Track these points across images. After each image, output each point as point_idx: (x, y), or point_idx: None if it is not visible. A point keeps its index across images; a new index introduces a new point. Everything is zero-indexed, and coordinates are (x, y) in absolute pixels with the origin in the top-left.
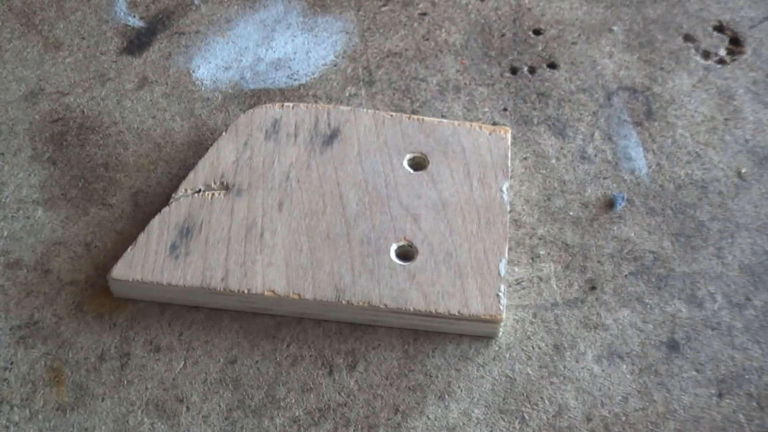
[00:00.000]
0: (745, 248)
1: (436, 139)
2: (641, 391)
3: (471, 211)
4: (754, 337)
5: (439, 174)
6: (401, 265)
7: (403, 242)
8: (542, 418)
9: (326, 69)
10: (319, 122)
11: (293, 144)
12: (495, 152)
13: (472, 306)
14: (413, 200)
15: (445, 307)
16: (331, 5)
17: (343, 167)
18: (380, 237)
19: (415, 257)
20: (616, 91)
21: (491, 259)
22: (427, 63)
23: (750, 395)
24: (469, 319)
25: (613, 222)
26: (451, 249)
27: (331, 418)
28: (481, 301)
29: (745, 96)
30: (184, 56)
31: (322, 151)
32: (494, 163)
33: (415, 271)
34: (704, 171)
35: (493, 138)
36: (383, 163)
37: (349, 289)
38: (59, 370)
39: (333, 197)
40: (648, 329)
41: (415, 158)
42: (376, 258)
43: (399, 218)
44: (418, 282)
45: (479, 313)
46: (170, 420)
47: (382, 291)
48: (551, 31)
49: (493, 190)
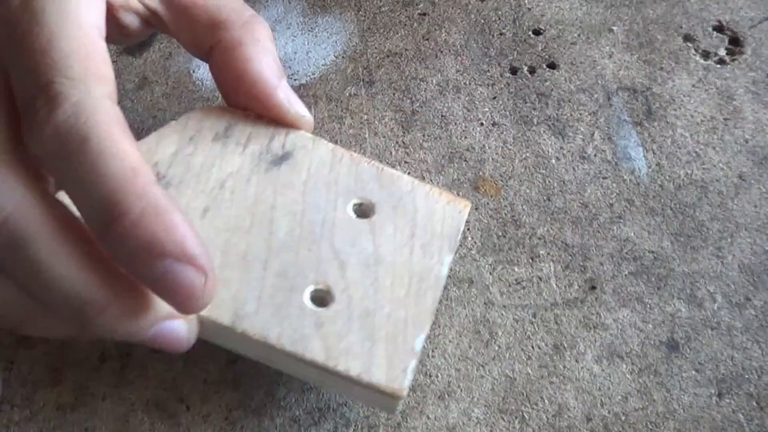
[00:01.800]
0: (744, 248)
1: (390, 192)
2: (641, 390)
3: (403, 276)
4: (754, 337)
5: (381, 228)
6: (312, 309)
7: (322, 286)
8: (542, 417)
9: (326, 69)
10: (273, 140)
11: (240, 153)
12: (447, 223)
13: (374, 373)
14: (346, 246)
15: (345, 366)
16: (331, 5)
17: (284, 192)
18: (299, 274)
19: (329, 305)
20: (616, 91)
21: (410, 330)
22: (427, 63)
23: (750, 395)
24: (367, 386)
25: (612, 222)
26: (370, 308)
27: (331, 418)
28: (386, 370)
29: (745, 96)
30: (184, 56)
31: (267, 169)
32: (443, 233)
33: (325, 319)
34: (704, 171)
35: (450, 208)
36: (327, 200)
37: (248, 318)
38: (59, 370)
39: (263, 219)
40: (648, 329)
41: (361, 204)
42: (288, 295)
43: (325, 261)
44: (324, 332)
45: (380, 383)
46: (170, 420)
47: (283, 330)
48: (551, 32)
49: (434, 261)
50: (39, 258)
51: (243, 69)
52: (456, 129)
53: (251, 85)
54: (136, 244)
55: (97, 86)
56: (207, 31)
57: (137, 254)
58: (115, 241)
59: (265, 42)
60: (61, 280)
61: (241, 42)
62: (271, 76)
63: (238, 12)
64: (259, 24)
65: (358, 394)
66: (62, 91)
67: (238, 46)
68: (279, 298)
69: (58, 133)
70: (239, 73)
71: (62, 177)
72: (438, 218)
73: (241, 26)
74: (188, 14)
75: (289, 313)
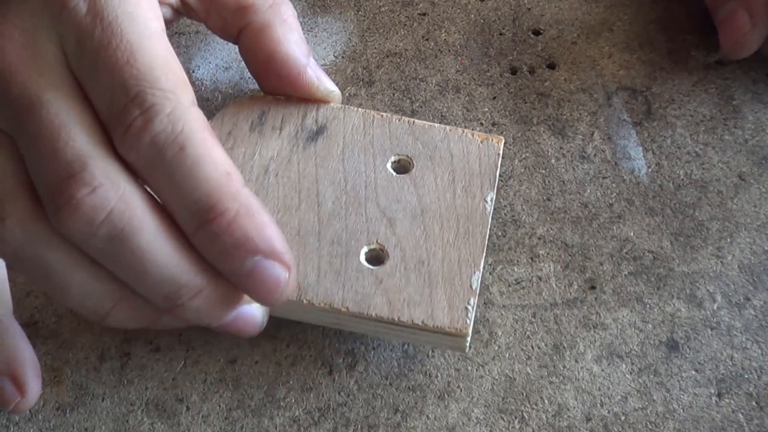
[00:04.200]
0: (744, 248)
1: (424, 143)
2: (641, 390)
3: (450, 219)
4: (754, 336)
5: (422, 179)
6: (369, 269)
7: (375, 245)
8: (542, 417)
9: (326, 69)
10: (306, 117)
11: (277, 137)
12: (484, 161)
13: (437, 317)
14: (392, 203)
15: (410, 316)
16: (331, 5)
17: (325, 164)
18: (352, 238)
19: (384, 262)
20: (616, 91)
21: (465, 270)
22: (426, 63)
23: (749, 395)
24: (434, 330)
25: (612, 222)
26: (423, 256)
27: (331, 417)
28: (448, 313)
29: (745, 96)
30: (184, 56)
31: (306, 146)
32: (482, 172)
33: (383, 276)
34: (704, 171)
35: (484, 146)
36: (366, 164)
37: (311, 289)
38: (59, 370)
39: (309, 194)
40: (647, 329)
41: (399, 161)
42: (344, 259)
43: (374, 221)
44: (384, 288)
45: (444, 326)
46: (170, 420)
47: (345, 294)
48: (551, 31)
49: (477, 200)
50: (141, 247)
51: (272, 51)
52: None
53: (281, 66)
54: (230, 243)
55: (184, 94)
56: (235, 15)
57: (230, 252)
58: (210, 239)
59: (291, 22)
60: (160, 267)
61: (269, 24)
62: (299, 56)
63: None
64: (284, 5)
65: (427, 339)
66: (155, 102)
67: (266, 29)
68: (337, 265)
69: (156, 142)
70: (269, 54)
71: (157, 182)
72: (474, 158)
73: (268, 8)
74: (217, 0)
75: (349, 276)
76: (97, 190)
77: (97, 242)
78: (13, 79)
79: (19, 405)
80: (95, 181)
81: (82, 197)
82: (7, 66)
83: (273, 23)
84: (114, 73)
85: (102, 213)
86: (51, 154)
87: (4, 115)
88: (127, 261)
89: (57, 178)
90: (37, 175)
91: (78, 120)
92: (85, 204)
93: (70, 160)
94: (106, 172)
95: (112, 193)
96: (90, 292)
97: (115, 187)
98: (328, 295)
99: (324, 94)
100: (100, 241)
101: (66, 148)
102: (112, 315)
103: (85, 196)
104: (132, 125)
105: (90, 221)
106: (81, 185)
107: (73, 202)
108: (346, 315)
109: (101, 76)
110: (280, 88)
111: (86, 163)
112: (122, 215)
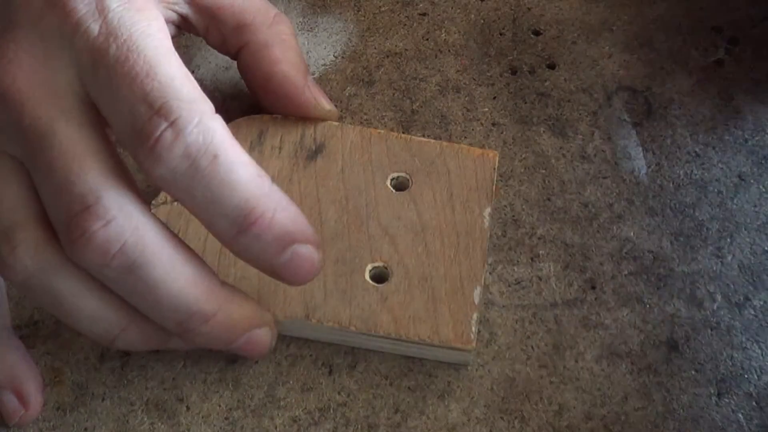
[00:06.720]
0: (744, 248)
1: (421, 159)
2: (641, 390)
3: (450, 235)
4: (754, 336)
5: (421, 195)
6: (374, 287)
7: (379, 263)
8: (542, 417)
9: (326, 69)
10: (305, 136)
11: (277, 156)
12: (480, 176)
13: (442, 333)
14: (393, 221)
15: (415, 333)
16: (331, 5)
17: (325, 183)
18: (355, 257)
19: (388, 279)
20: (616, 91)
21: (467, 285)
22: (426, 63)
23: (749, 395)
24: (439, 345)
25: (612, 222)
26: (426, 273)
27: (331, 418)
28: (452, 328)
29: (745, 96)
30: (184, 56)
31: (306, 165)
32: (479, 186)
33: (387, 293)
34: (704, 171)
35: (480, 161)
36: (366, 182)
37: (319, 309)
38: (59, 370)
39: (312, 214)
40: (647, 329)
41: (398, 178)
42: (349, 278)
43: (376, 239)
44: (389, 305)
45: (449, 341)
46: (170, 420)
47: (352, 312)
48: (551, 31)
49: (475, 215)
50: (155, 277)
51: (271, 70)
52: (456, 129)
53: (279, 86)
54: (272, 239)
55: (206, 104)
56: (234, 33)
57: (272, 247)
58: (252, 240)
59: (290, 41)
60: (173, 296)
61: (268, 44)
62: (297, 76)
63: (263, 13)
64: (283, 24)
65: (432, 354)
66: (182, 114)
67: (265, 49)
68: (342, 284)
69: (189, 153)
70: (267, 74)
71: (191, 194)
72: (471, 173)
73: (267, 28)
74: (216, 18)
75: (355, 295)
76: (110, 224)
77: (111, 272)
78: (25, 108)
79: (23, 418)
80: (108, 215)
81: (96, 231)
82: (17, 94)
83: (272, 43)
84: (134, 87)
85: (116, 246)
86: (64, 186)
87: (16, 142)
88: (139, 290)
89: (70, 211)
90: (50, 205)
91: (91, 150)
92: (99, 237)
93: (83, 193)
94: (119, 204)
95: (125, 226)
96: (100, 318)
97: (129, 220)
98: (336, 315)
99: (321, 113)
100: (114, 271)
101: (78, 180)
102: (120, 338)
103: (98, 230)
104: (162, 137)
105: (104, 254)
106: (95, 219)
107: (86, 236)
108: (353, 333)
109: (121, 92)
110: (278, 106)
111: (99, 195)
112: (135, 247)
